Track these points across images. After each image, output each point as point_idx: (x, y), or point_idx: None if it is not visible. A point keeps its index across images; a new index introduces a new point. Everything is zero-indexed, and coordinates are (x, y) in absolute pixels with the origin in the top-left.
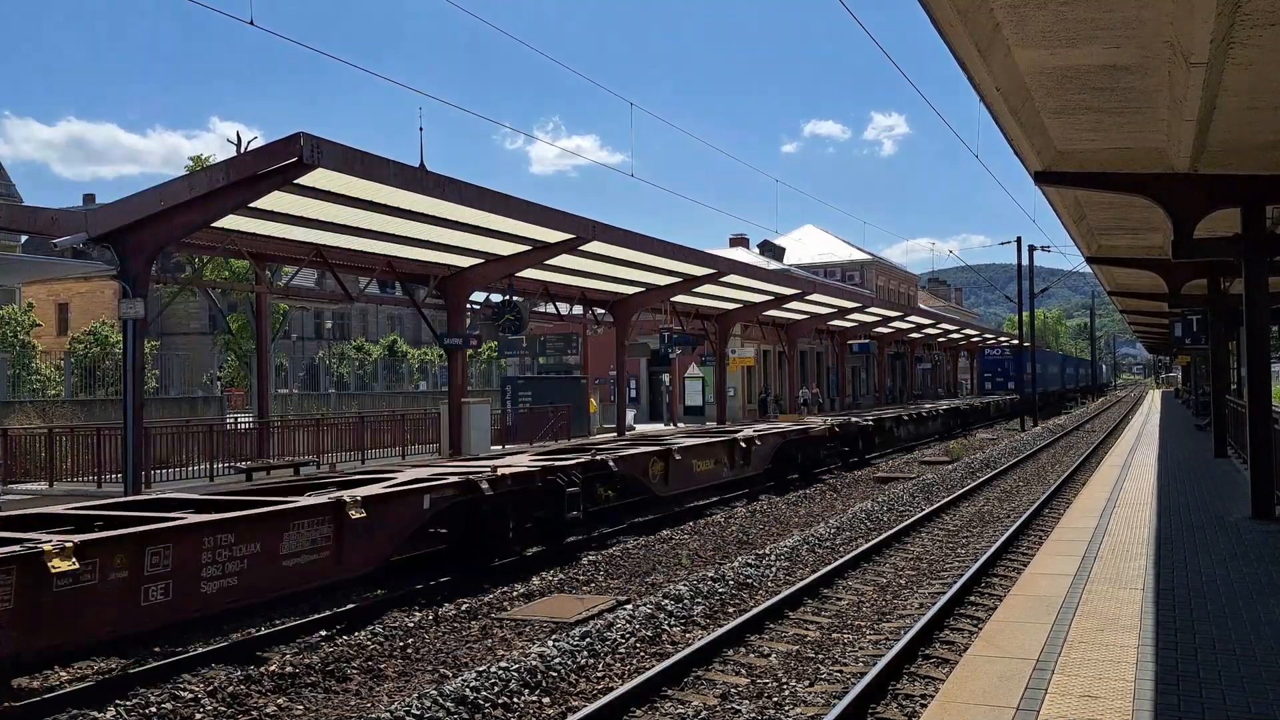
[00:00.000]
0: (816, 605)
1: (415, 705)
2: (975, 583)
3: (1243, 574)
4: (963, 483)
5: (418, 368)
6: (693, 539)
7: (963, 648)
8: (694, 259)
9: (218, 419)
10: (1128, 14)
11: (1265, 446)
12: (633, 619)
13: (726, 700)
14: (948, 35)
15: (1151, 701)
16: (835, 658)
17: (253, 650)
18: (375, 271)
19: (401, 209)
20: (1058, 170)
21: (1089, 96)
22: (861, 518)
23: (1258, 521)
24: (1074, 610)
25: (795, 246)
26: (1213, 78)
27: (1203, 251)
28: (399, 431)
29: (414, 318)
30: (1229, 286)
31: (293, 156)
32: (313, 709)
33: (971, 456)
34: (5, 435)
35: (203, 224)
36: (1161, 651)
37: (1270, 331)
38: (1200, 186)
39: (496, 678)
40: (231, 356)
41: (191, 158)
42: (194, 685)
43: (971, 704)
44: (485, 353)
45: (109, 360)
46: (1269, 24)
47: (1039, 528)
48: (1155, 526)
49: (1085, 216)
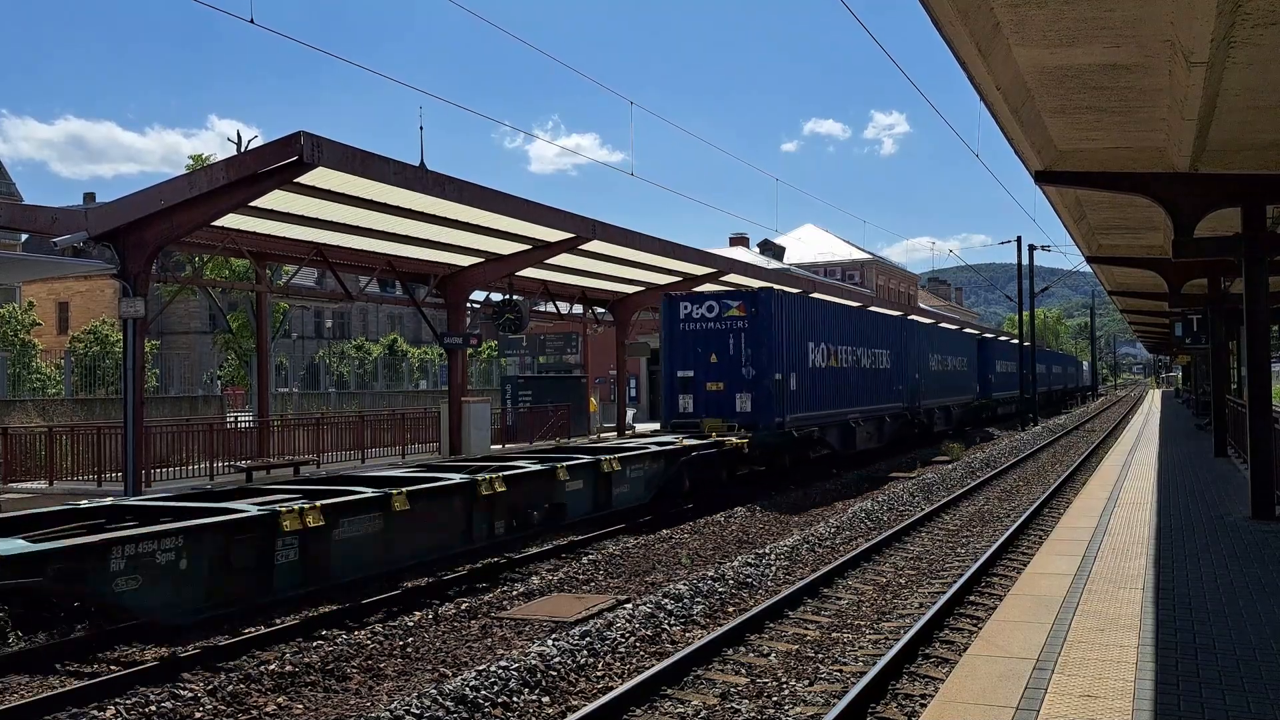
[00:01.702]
0: (816, 604)
1: (415, 705)
2: (975, 582)
3: (1243, 574)
4: (963, 482)
5: (418, 367)
6: (693, 538)
7: (963, 647)
8: (694, 258)
9: (218, 418)
10: (1128, 13)
11: (1265, 446)
12: (633, 618)
13: (726, 700)
14: (948, 34)
15: (1151, 701)
16: (835, 657)
17: (253, 650)
18: (375, 270)
19: (402, 208)
20: (1058, 170)
21: (1089, 96)
22: (861, 517)
23: (1258, 521)
24: (1074, 610)
25: (795, 246)
26: (1213, 77)
27: (1203, 251)
28: (399, 430)
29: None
30: (1229, 286)
31: (293, 155)
32: (313, 709)
33: (971, 456)
34: (5, 434)
35: (203, 223)
36: (1161, 651)
37: (1270, 331)
38: (1200, 186)
39: (496, 677)
40: (231, 355)
41: (192, 156)
42: (194, 685)
43: (971, 703)
44: (485, 352)
45: (109, 359)
46: (1269, 23)
47: (1039, 527)
48: (1155, 526)
49: (1085, 216)
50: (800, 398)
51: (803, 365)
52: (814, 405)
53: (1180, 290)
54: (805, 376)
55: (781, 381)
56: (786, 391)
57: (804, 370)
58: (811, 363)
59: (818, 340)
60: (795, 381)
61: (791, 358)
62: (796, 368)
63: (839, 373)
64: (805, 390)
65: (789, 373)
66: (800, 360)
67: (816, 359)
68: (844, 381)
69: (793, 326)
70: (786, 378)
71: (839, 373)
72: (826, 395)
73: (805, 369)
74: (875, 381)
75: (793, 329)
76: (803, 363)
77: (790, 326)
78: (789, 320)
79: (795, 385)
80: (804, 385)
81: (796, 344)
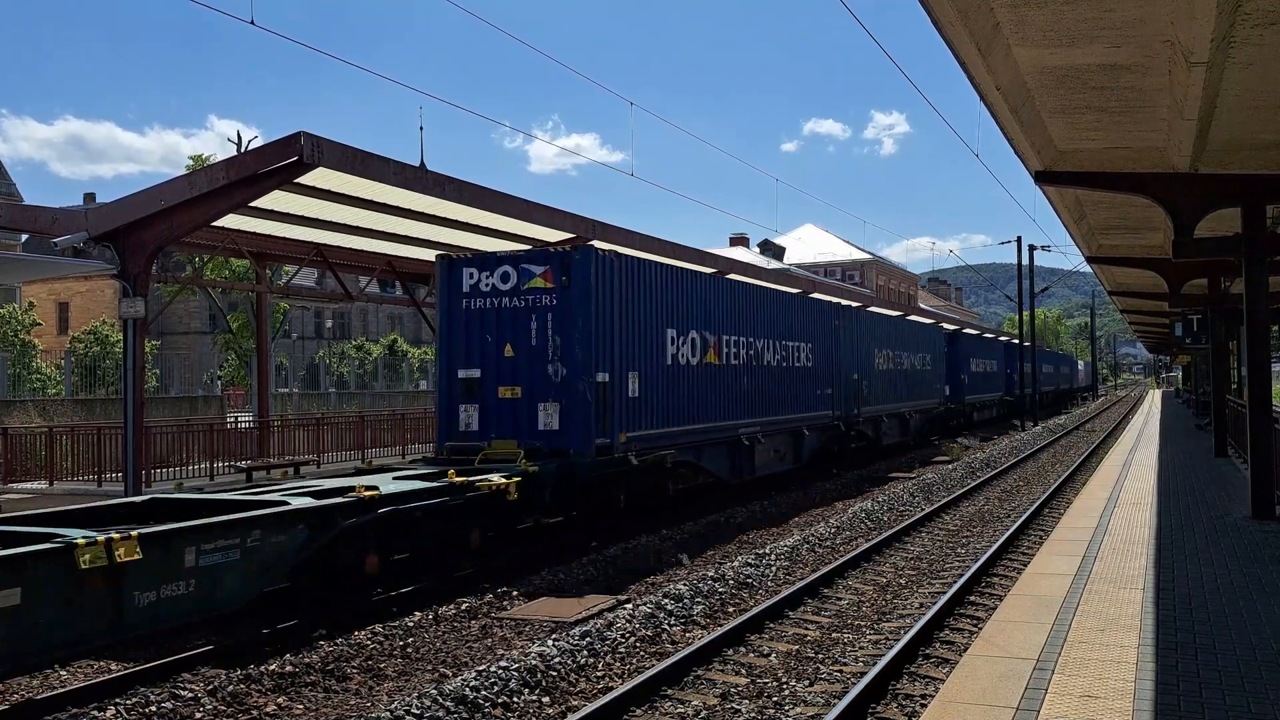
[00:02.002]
0: (816, 605)
1: (415, 705)
2: (975, 582)
3: (1243, 574)
4: (963, 482)
5: (418, 367)
6: (693, 539)
7: (963, 647)
8: (694, 258)
9: (218, 418)
10: (1128, 13)
11: (1265, 446)
12: (633, 618)
13: (726, 700)
14: (948, 35)
15: (1152, 701)
16: (835, 657)
17: (253, 650)
18: (375, 270)
19: (401, 208)
20: (1058, 170)
21: (1089, 96)
22: (861, 517)
23: (1258, 521)
24: (1074, 610)
25: (795, 246)
26: (1213, 77)
27: (1203, 251)
28: (399, 430)
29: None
30: (1229, 286)
31: (293, 156)
32: (313, 709)
33: (971, 456)
34: (5, 434)
35: (203, 223)
36: (1162, 651)
37: (1270, 331)
38: (1200, 186)
39: (496, 677)
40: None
41: (192, 157)
42: (194, 685)
43: (972, 704)
44: None
45: (109, 359)
46: (1269, 23)
47: (1039, 527)
48: (1155, 526)
49: (1085, 216)
50: (646, 408)
51: (653, 361)
52: (674, 418)
53: (1180, 290)
54: (658, 378)
55: (610, 385)
56: (620, 400)
57: (656, 369)
58: (672, 358)
59: (684, 327)
60: (638, 385)
61: (631, 350)
62: (641, 365)
63: (723, 372)
64: (658, 397)
65: (625, 372)
66: (649, 354)
67: (682, 352)
68: (732, 384)
69: (633, 305)
70: (620, 379)
71: (723, 372)
72: (699, 403)
73: (658, 367)
74: (788, 383)
75: (633, 309)
76: (654, 358)
77: (628, 305)
78: (626, 296)
79: (637, 390)
80: (655, 390)
81: (642, 331)
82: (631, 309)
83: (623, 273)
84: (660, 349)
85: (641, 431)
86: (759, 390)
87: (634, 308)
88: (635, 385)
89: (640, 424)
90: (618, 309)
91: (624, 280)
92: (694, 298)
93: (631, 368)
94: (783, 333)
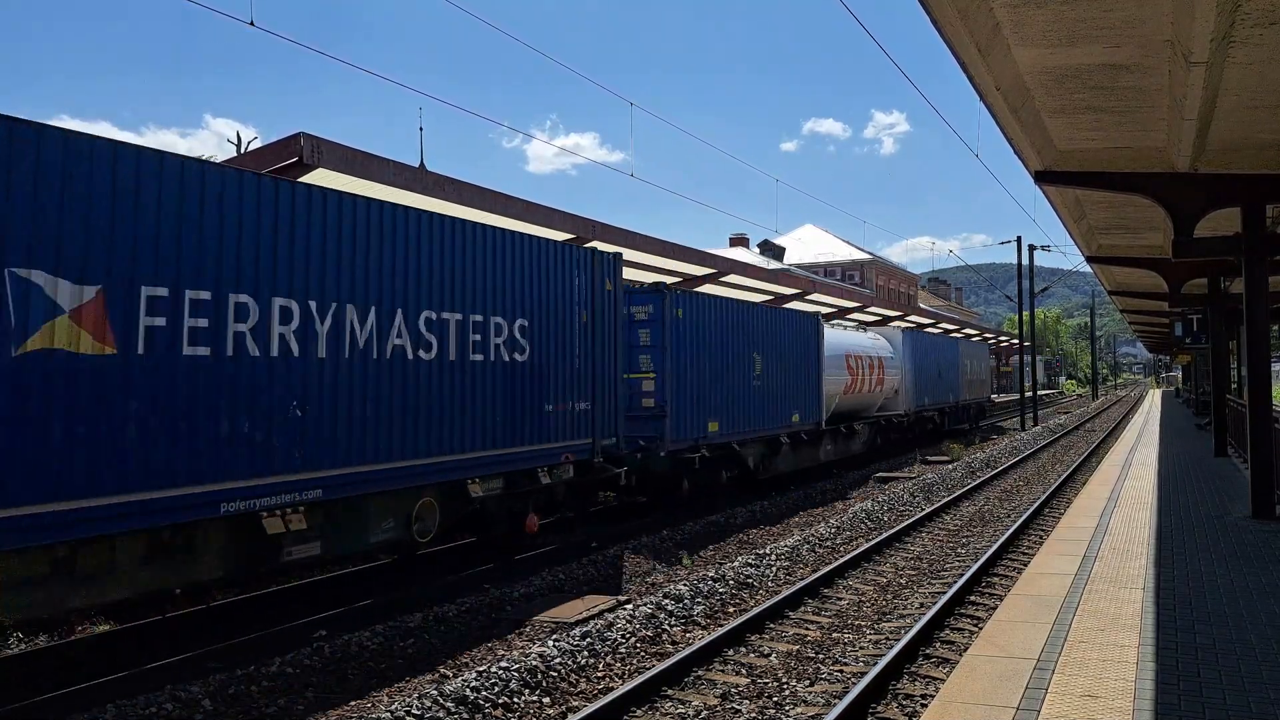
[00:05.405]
0: (817, 605)
1: (415, 705)
2: (976, 582)
3: (1243, 573)
4: (963, 482)
5: None
6: (694, 539)
7: (963, 647)
8: (694, 258)
9: None
10: (1128, 13)
11: (1265, 446)
12: (633, 619)
13: (727, 700)
14: (948, 35)
15: (1152, 701)
16: (835, 657)
17: (253, 650)
18: None
19: None
20: (1058, 170)
21: (1089, 96)
22: (862, 517)
23: (1258, 521)
24: (1074, 610)
25: (795, 246)
26: (1213, 77)
27: (1203, 251)
28: None
29: None
30: (1229, 286)
31: (293, 157)
32: (313, 709)
33: (971, 456)
34: None
35: None
36: (1162, 651)
37: (1270, 331)
38: (1200, 186)
39: (497, 678)
40: None
41: None
42: (194, 685)
43: (972, 704)
44: None
45: None
46: (1269, 23)
47: (1039, 527)
48: (1156, 526)
49: (1085, 216)
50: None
51: (730, 379)
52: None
53: (1180, 290)
54: (724, 388)
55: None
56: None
57: (729, 383)
58: (741, 376)
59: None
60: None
61: (704, 370)
62: (720, 383)
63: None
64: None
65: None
66: (722, 375)
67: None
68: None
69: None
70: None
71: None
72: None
73: (731, 383)
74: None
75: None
76: (728, 377)
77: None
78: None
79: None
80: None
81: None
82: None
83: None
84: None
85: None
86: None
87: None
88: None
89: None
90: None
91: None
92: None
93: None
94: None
